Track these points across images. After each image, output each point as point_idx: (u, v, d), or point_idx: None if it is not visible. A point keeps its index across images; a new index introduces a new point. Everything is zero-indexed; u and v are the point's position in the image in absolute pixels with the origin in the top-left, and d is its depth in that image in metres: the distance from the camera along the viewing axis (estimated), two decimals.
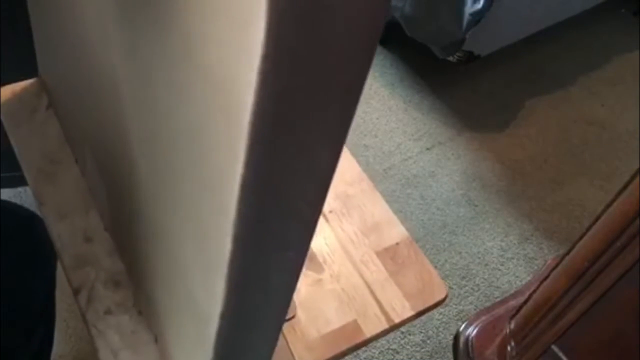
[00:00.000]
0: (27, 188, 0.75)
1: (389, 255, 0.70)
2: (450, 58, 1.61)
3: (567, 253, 0.98)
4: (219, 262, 0.33)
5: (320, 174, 0.31)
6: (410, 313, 0.66)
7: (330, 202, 0.73)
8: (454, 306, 1.34)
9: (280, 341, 0.62)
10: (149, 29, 0.34)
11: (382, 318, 0.65)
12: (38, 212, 0.71)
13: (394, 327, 0.65)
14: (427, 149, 1.61)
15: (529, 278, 1.39)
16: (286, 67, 0.22)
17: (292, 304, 0.65)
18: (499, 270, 1.41)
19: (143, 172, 0.46)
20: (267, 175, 0.28)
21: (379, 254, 0.70)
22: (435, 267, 1.37)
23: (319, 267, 0.69)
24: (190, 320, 0.46)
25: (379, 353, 1.25)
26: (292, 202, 0.31)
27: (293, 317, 0.64)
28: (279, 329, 0.46)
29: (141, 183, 0.47)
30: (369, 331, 0.64)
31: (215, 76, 0.27)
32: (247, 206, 0.28)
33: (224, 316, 0.37)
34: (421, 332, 1.29)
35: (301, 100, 0.25)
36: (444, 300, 0.68)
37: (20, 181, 0.88)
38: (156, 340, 0.60)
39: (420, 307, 0.66)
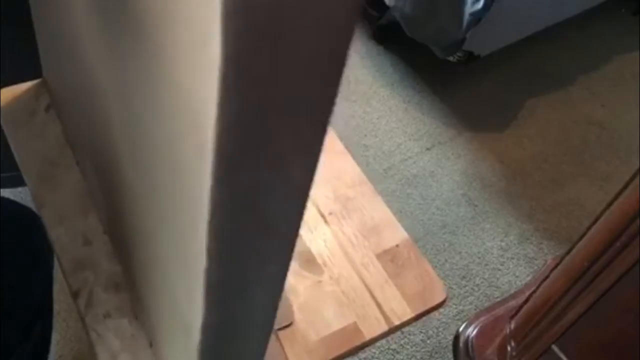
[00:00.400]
0: (28, 188, 0.75)
1: (388, 257, 0.70)
2: (450, 58, 1.60)
3: (567, 253, 0.98)
4: (198, 276, 0.32)
5: (296, 188, 0.30)
6: (410, 315, 0.66)
7: (330, 204, 0.73)
8: (454, 306, 1.34)
9: (276, 348, 0.62)
10: (125, 40, 0.34)
11: (382, 320, 0.65)
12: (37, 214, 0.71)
13: (394, 330, 0.65)
14: (427, 149, 1.61)
15: (529, 278, 1.39)
16: (247, 83, 0.22)
17: (289, 311, 0.65)
18: (499, 270, 1.41)
19: (130, 180, 0.46)
20: (237, 191, 0.27)
21: (378, 256, 0.70)
22: (435, 267, 1.37)
23: (318, 269, 0.69)
24: (176, 329, 0.46)
25: (379, 353, 1.25)
26: (267, 217, 0.31)
27: (290, 324, 0.64)
28: (265, 340, 0.46)
29: (129, 190, 0.47)
30: (369, 333, 0.64)
31: (183, 92, 0.27)
32: (219, 223, 0.28)
33: (206, 328, 0.36)
34: (421, 332, 1.29)
35: (268, 115, 0.24)
36: (443, 302, 0.68)
37: (20, 181, 0.88)
38: (151, 345, 0.60)
39: (420, 310, 0.66)
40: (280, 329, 0.63)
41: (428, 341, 1.28)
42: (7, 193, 1.26)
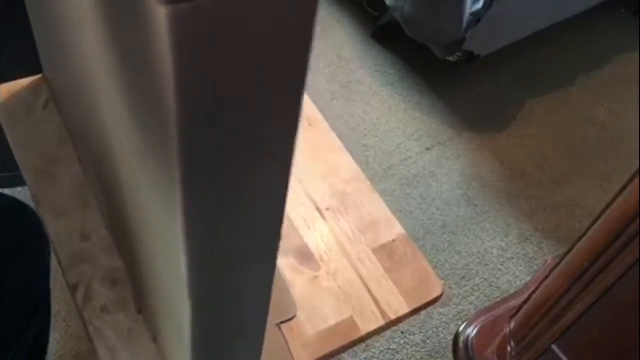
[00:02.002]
0: (27, 188, 0.75)
1: (385, 252, 0.70)
2: (450, 58, 1.61)
3: (567, 253, 0.98)
4: (181, 276, 0.32)
5: (273, 190, 0.30)
6: (406, 310, 0.66)
7: (327, 200, 0.73)
8: (454, 306, 1.34)
9: (280, 341, 0.62)
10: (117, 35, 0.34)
11: (379, 315, 0.65)
12: (35, 210, 0.71)
13: (391, 324, 0.65)
14: (427, 149, 1.61)
15: (529, 278, 1.39)
16: (201, 86, 0.22)
17: (292, 304, 0.65)
18: (499, 270, 1.41)
19: (124, 179, 0.46)
20: (208, 195, 0.27)
21: (375, 251, 0.70)
22: (435, 267, 1.37)
23: (315, 265, 0.69)
24: (172, 326, 0.46)
25: (379, 353, 1.24)
26: (246, 220, 0.31)
27: (293, 317, 0.64)
28: (260, 337, 0.46)
29: (124, 189, 0.47)
30: (365, 328, 0.64)
31: (150, 98, 0.26)
32: (194, 227, 0.28)
33: (195, 328, 0.37)
34: (421, 332, 1.29)
35: (233, 120, 0.24)
36: (440, 297, 0.68)
37: (19, 181, 0.88)
38: (155, 340, 0.60)
39: (416, 304, 0.66)
40: (283, 322, 0.63)
41: (428, 341, 1.28)
42: (6, 193, 1.26)
